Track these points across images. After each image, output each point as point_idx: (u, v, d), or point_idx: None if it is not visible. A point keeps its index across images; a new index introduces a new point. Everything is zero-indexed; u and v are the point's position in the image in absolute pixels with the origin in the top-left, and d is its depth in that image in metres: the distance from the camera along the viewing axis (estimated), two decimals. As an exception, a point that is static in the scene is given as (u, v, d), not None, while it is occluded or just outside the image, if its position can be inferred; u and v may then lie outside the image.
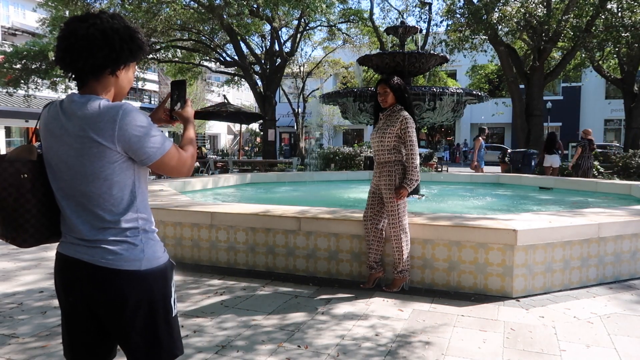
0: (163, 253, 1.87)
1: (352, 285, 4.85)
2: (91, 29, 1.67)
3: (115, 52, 1.71)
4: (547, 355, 3.31)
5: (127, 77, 1.87)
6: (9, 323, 3.89)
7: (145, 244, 1.79)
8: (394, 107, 4.72)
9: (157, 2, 17.87)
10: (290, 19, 22.67)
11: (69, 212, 1.76)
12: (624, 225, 5.01)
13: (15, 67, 22.52)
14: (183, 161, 1.86)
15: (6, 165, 1.73)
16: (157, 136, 1.75)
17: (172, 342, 1.85)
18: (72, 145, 1.68)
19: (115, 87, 1.82)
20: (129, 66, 1.83)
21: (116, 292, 1.74)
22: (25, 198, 1.74)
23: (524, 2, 17.05)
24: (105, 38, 1.68)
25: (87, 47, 1.67)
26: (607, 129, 41.17)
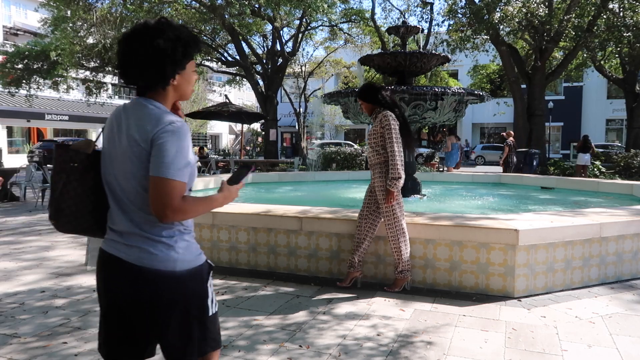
0: (199, 255, 1.89)
1: (354, 285, 4.84)
2: (135, 55, 1.77)
3: (159, 72, 1.79)
4: (549, 355, 3.31)
5: (184, 78, 1.88)
6: (11, 323, 3.90)
7: (180, 246, 1.82)
8: (376, 112, 4.75)
9: (158, 2, 17.88)
10: (292, 18, 22.66)
11: (112, 205, 1.84)
12: (626, 225, 5.00)
13: (17, 67, 22.58)
14: (174, 204, 1.70)
15: (63, 152, 1.88)
16: (177, 161, 1.71)
17: (204, 342, 1.89)
18: (122, 142, 1.77)
19: (173, 92, 1.87)
20: (184, 69, 1.86)
21: (150, 291, 1.77)
22: (72, 185, 1.85)
23: (526, 2, 17.03)
24: (149, 61, 1.76)
25: (136, 72, 1.79)
26: (609, 129, 41.12)
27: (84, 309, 4.20)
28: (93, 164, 1.88)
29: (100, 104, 24.59)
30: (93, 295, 4.60)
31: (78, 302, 4.41)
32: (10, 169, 13.28)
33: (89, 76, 22.80)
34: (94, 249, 6.58)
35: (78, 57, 19.59)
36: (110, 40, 18.91)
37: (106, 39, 18.93)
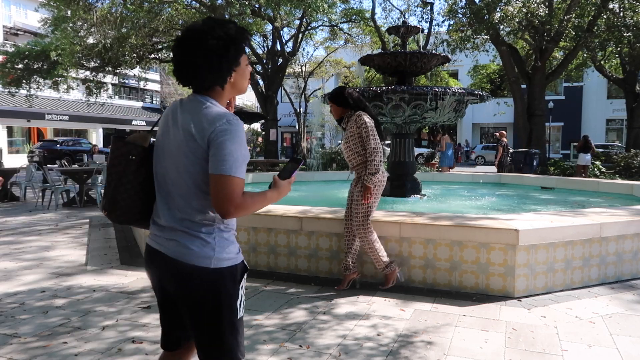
0: (236, 254, 1.90)
1: (352, 285, 4.84)
2: (189, 58, 1.80)
3: (216, 73, 1.82)
4: (549, 355, 3.31)
5: (239, 74, 1.89)
6: (11, 323, 3.90)
7: (217, 243, 1.84)
8: (347, 115, 4.73)
9: (158, 2, 17.87)
10: (292, 18, 22.67)
11: (159, 197, 1.91)
12: (626, 225, 5.00)
13: (17, 67, 22.58)
14: (237, 201, 1.72)
15: (121, 144, 1.94)
16: (237, 159, 1.73)
17: (235, 344, 1.90)
18: (177, 136, 1.82)
19: (230, 89, 1.91)
20: (238, 65, 1.87)
21: (184, 285, 1.84)
22: (127, 177, 1.92)
23: (526, 2, 17.02)
24: (203, 63, 1.79)
25: (191, 74, 1.83)
26: (609, 129, 41.12)
27: (84, 309, 4.20)
28: (148, 157, 1.95)
29: (101, 104, 24.59)
30: (93, 295, 4.60)
31: (78, 302, 4.41)
32: (10, 169, 13.28)
33: (89, 76, 22.79)
34: (94, 249, 6.60)
35: (78, 57, 19.59)
36: (111, 40, 18.91)
37: (106, 39, 18.93)
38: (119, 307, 4.26)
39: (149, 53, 22.31)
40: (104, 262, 5.94)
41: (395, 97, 7.60)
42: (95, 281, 5.10)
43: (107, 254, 6.37)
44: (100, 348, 3.39)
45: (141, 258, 6.12)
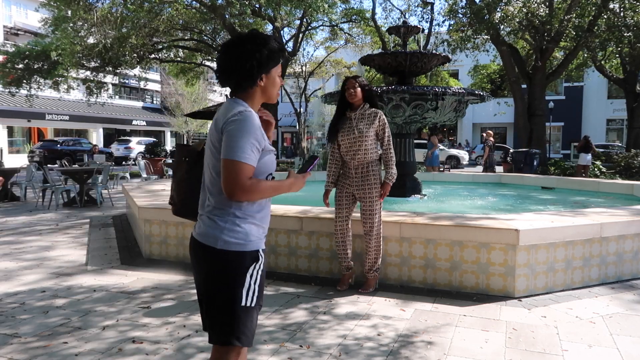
0: (248, 241, 2.00)
1: (354, 285, 4.84)
2: (225, 61, 2.05)
3: (246, 72, 2.02)
4: (549, 355, 3.31)
5: (269, 81, 2.09)
6: (11, 323, 3.90)
7: (227, 227, 1.98)
8: (365, 107, 4.68)
9: (159, 2, 17.85)
10: (292, 18, 22.65)
11: (201, 193, 2.14)
12: (626, 225, 5.00)
13: (18, 67, 22.57)
14: (242, 183, 1.89)
15: (181, 149, 2.34)
16: (243, 145, 1.90)
17: (232, 330, 1.98)
18: (212, 135, 2.04)
19: (261, 93, 2.10)
20: (268, 73, 2.08)
21: (195, 261, 2.07)
22: (186, 176, 2.27)
23: (526, 2, 17.01)
24: (237, 62, 2.02)
25: (223, 77, 2.07)
26: (609, 129, 41.11)
27: (84, 309, 4.20)
28: (200, 160, 2.19)
29: (101, 104, 24.57)
30: (93, 295, 4.60)
31: (78, 302, 4.42)
32: (10, 169, 13.28)
33: (90, 76, 22.77)
34: (94, 249, 6.60)
35: (79, 57, 19.57)
36: (111, 40, 18.90)
37: (107, 39, 18.92)
38: (119, 307, 4.27)
39: (150, 53, 22.30)
40: (104, 262, 5.94)
41: (396, 97, 7.60)
42: (96, 281, 5.10)
43: (107, 254, 6.37)
44: (101, 348, 3.40)
45: (141, 258, 6.12)
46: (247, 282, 1.99)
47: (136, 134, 42.03)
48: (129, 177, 17.39)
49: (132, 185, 9.38)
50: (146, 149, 24.22)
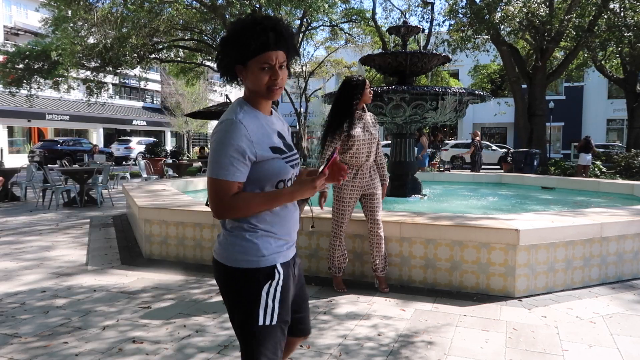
0: (259, 257, 1.84)
1: (354, 285, 4.84)
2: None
3: (221, 70, 1.88)
4: (550, 355, 3.31)
5: (248, 73, 1.83)
6: (11, 323, 3.90)
7: (237, 242, 1.86)
8: (361, 110, 4.66)
9: (159, 2, 17.86)
10: (293, 18, 22.62)
11: None
12: (627, 225, 5.00)
13: (18, 67, 22.57)
14: (224, 201, 1.78)
15: None
16: (221, 160, 1.76)
17: (252, 352, 1.86)
18: None
19: (249, 89, 1.90)
20: (245, 64, 1.82)
21: (216, 279, 1.96)
22: None
23: (527, 2, 17.01)
24: (220, 45, 1.88)
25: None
26: (610, 129, 41.07)
27: (84, 309, 4.20)
28: None
29: (101, 104, 24.57)
30: (94, 295, 4.60)
31: (79, 302, 4.42)
32: (11, 169, 13.28)
33: (90, 76, 22.77)
34: (95, 249, 6.60)
35: (79, 57, 19.57)
36: (111, 40, 18.90)
37: (107, 38, 18.92)
38: (119, 307, 4.27)
39: (150, 53, 22.30)
40: (104, 262, 5.94)
41: (396, 97, 7.60)
42: (96, 281, 5.10)
43: (107, 254, 6.37)
44: (101, 348, 3.40)
45: (142, 258, 6.12)
46: (264, 300, 1.83)
47: (136, 134, 42.04)
48: (129, 177, 17.39)
49: (132, 185, 9.38)
50: (146, 149, 24.25)
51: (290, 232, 1.95)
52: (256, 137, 1.80)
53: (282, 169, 1.86)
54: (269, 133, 1.86)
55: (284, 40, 1.81)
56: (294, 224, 1.97)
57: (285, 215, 1.92)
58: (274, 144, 1.86)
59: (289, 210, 1.93)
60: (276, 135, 1.90)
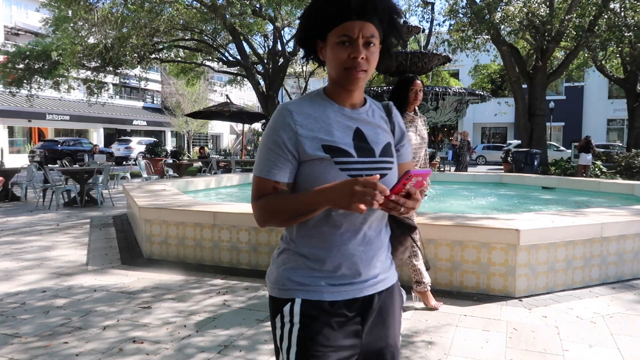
0: (278, 285, 1.47)
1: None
2: None
3: (298, 31, 1.50)
4: (550, 355, 3.30)
5: (327, 50, 1.43)
6: (12, 323, 3.90)
7: (273, 262, 1.54)
8: (416, 111, 4.36)
9: (159, 2, 17.87)
10: (293, 18, 22.63)
11: None
12: (627, 225, 5.00)
13: (18, 67, 22.58)
14: (252, 202, 1.45)
15: None
16: (259, 154, 1.45)
17: None
18: None
19: (329, 73, 1.47)
20: (325, 38, 1.42)
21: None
22: None
23: (527, 2, 17.01)
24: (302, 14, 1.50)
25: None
26: (610, 129, 41.06)
27: (84, 309, 4.20)
28: None
29: (102, 104, 24.59)
30: (94, 295, 4.60)
31: (79, 302, 4.42)
32: (11, 169, 13.29)
33: (90, 76, 22.80)
34: (95, 249, 6.60)
35: (79, 57, 19.59)
36: (111, 40, 18.92)
37: (107, 39, 18.93)
38: (119, 307, 4.27)
39: (150, 53, 22.31)
40: (104, 262, 5.94)
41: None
42: (96, 281, 5.10)
43: (107, 254, 6.37)
44: (101, 348, 3.40)
45: (142, 258, 6.12)
46: (288, 340, 1.43)
47: (137, 134, 42.04)
48: (129, 177, 17.39)
49: (132, 185, 9.38)
50: (147, 149, 24.25)
51: (343, 263, 1.43)
52: (307, 129, 1.41)
53: (325, 175, 1.39)
54: (330, 127, 1.43)
55: (374, 10, 1.38)
56: (355, 253, 1.44)
57: (332, 238, 1.43)
58: (332, 141, 1.42)
59: (342, 232, 1.43)
60: (346, 132, 1.44)
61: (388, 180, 1.45)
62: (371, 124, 1.50)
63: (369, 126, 1.50)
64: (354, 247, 1.43)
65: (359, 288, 1.45)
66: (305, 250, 1.45)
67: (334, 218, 1.41)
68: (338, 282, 1.43)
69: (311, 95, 1.49)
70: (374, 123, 1.51)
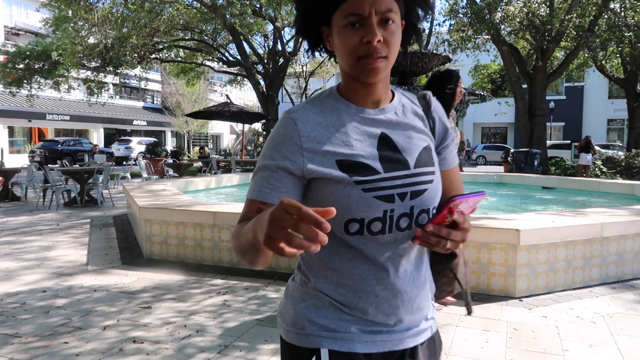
0: (296, 329, 1.15)
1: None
2: None
3: (296, 18, 1.19)
4: (550, 355, 3.30)
5: (334, 40, 1.10)
6: (12, 323, 3.90)
7: (292, 302, 1.19)
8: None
9: (160, 1, 17.87)
10: (293, 18, 22.66)
11: None
12: (627, 225, 5.00)
13: (18, 67, 22.58)
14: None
15: None
16: (253, 174, 1.13)
17: None
18: None
19: (341, 65, 1.14)
20: (331, 26, 1.10)
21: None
22: None
23: (527, 2, 17.01)
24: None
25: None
26: (610, 129, 41.07)
27: (85, 309, 4.20)
28: None
29: (102, 104, 24.59)
30: (94, 295, 4.60)
31: (79, 302, 4.42)
32: (11, 169, 13.29)
33: (91, 76, 22.80)
34: (95, 249, 6.60)
35: (79, 57, 19.59)
36: (112, 40, 18.92)
37: (107, 39, 18.94)
38: (119, 307, 4.27)
39: (150, 53, 22.31)
40: (105, 262, 5.94)
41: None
42: (96, 281, 5.10)
43: (108, 254, 6.37)
44: (101, 348, 3.40)
45: (142, 258, 6.12)
46: None
47: (137, 134, 42.05)
48: (129, 177, 17.39)
49: (132, 185, 9.38)
50: (147, 149, 24.26)
51: (379, 306, 1.13)
52: (314, 141, 1.09)
53: (344, 200, 1.07)
54: (346, 137, 1.11)
55: None
56: (394, 294, 1.14)
57: (362, 273, 1.12)
58: (350, 155, 1.09)
59: (377, 266, 1.12)
60: (368, 141, 1.12)
61: (428, 198, 1.14)
62: (401, 125, 1.17)
63: (399, 128, 1.16)
64: (393, 285, 1.13)
65: (400, 338, 1.16)
66: (328, 288, 1.14)
67: (362, 245, 1.10)
68: (374, 329, 1.13)
69: (322, 98, 1.18)
70: (405, 123, 1.17)
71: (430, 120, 1.23)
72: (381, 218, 1.08)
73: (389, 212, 1.09)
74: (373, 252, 1.11)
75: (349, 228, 1.09)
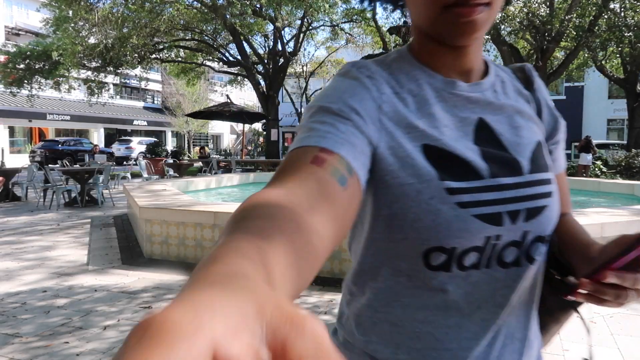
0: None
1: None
2: None
3: None
4: (550, 355, 3.30)
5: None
6: (12, 322, 3.90)
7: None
8: None
9: (160, 2, 17.88)
10: (293, 18, 22.65)
11: None
12: (627, 225, 5.00)
13: (19, 67, 22.60)
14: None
15: None
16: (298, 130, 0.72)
17: None
18: None
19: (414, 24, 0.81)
20: None
21: None
22: None
23: (527, 2, 17.02)
24: None
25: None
26: (610, 129, 41.06)
27: (85, 309, 4.21)
28: None
29: (102, 104, 24.60)
30: (94, 295, 4.61)
31: (79, 301, 4.42)
32: (12, 169, 13.30)
33: (91, 76, 22.81)
34: (95, 249, 6.61)
35: (80, 57, 19.60)
36: (112, 40, 18.93)
37: (108, 39, 18.95)
38: (120, 307, 4.27)
39: (151, 53, 22.32)
40: (105, 262, 5.95)
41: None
42: (97, 281, 5.10)
43: (108, 253, 6.37)
44: (102, 348, 3.40)
45: (142, 258, 6.13)
46: None
47: (137, 134, 42.05)
48: (130, 177, 17.40)
49: (133, 185, 9.39)
50: (147, 149, 24.27)
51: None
52: (393, 108, 0.75)
53: (434, 219, 0.69)
54: (429, 118, 0.76)
55: None
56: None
57: (436, 333, 0.75)
58: (440, 142, 0.73)
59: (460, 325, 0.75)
60: (462, 130, 0.76)
61: (547, 219, 0.75)
62: (504, 108, 0.80)
63: (501, 113, 0.79)
64: (485, 352, 0.76)
65: None
66: (384, 352, 0.77)
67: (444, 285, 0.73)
68: None
69: (388, 60, 0.81)
70: (508, 106, 0.81)
71: (536, 102, 0.86)
72: (480, 247, 0.71)
73: (493, 240, 0.71)
74: (458, 298, 0.73)
75: (430, 260, 0.71)
